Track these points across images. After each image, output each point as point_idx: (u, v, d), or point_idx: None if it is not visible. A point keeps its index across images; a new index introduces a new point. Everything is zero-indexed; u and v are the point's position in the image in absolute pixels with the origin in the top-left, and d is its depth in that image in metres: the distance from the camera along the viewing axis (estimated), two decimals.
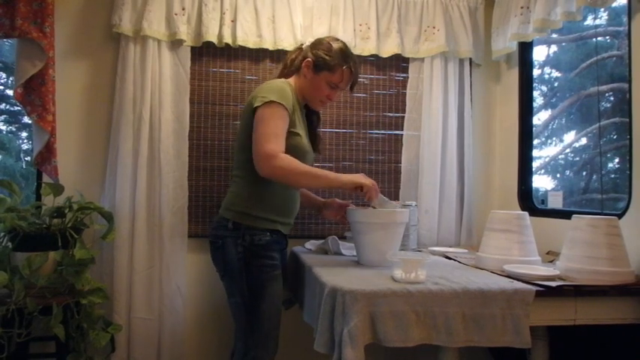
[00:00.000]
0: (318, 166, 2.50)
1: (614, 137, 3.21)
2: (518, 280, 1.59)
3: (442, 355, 1.62)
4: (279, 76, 1.95)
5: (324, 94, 1.89)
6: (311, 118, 2.02)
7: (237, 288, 1.77)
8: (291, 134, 1.77)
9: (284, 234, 1.89)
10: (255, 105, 1.73)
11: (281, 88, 1.78)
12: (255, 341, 1.75)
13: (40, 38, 2.12)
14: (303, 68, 1.87)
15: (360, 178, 1.76)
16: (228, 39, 2.35)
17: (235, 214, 1.78)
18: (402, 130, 2.59)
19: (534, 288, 1.51)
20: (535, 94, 2.70)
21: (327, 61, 1.84)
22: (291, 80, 1.91)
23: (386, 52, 2.51)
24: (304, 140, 1.86)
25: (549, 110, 3.84)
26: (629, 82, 1.83)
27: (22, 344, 1.88)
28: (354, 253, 1.93)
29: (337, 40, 1.93)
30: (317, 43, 1.90)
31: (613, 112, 3.16)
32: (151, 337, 2.28)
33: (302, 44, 1.97)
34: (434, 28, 2.53)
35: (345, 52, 1.88)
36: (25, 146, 3.70)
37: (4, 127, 3.75)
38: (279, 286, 1.82)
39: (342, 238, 2.23)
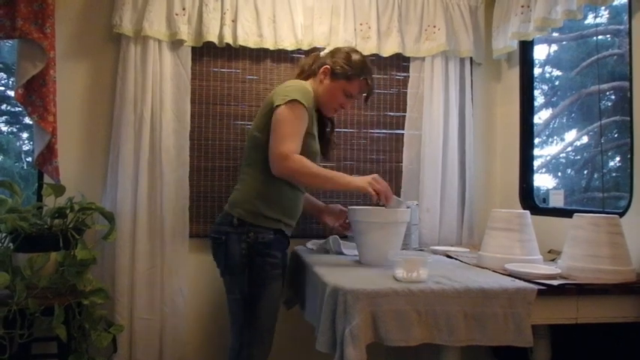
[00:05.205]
0: (322, 166, 2.51)
1: (615, 135, 3.21)
2: (519, 278, 1.59)
3: (444, 354, 1.61)
4: None
5: (338, 102, 1.94)
6: (325, 122, 2.06)
7: (237, 285, 1.78)
8: (306, 135, 1.81)
9: (286, 235, 1.90)
10: (277, 103, 1.76)
11: (303, 87, 1.84)
12: (251, 338, 1.77)
13: (41, 39, 2.12)
14: (320, 74, 1.91)
15: (372, 185, 1.73)
16: (228, 39, 2.35)
17: (241, 212, 1.79)
18: (403, 129, 2.59)
19: (536, 287, 1.51)
20: (536, 92, 2.69)
21: (346, 70, 1.88)
22: (308, 84, 1.94)
23: (387, 51, 2.51)
24: (316, 142, 1.91)
25: (550, 109, 3.83)
26: (630, 80, 1.83)
27: (24, 345, 1.87)
28: (356, 253, 1.93)
29: (356, 51, 1.98)
30: (336, 52, 1.94)
31: (614, 111, 3.15)
32: (152, 337, 2.28)
33: (319, 51, 2.02)
34: (434, 27, 2.53)
35: (364, 64, 1.93)
36: (26, 147, 3.70)
37: (5, 128, 3.76)
38: (278, 285, 1.84)
39: (344, 237, 2.23)
